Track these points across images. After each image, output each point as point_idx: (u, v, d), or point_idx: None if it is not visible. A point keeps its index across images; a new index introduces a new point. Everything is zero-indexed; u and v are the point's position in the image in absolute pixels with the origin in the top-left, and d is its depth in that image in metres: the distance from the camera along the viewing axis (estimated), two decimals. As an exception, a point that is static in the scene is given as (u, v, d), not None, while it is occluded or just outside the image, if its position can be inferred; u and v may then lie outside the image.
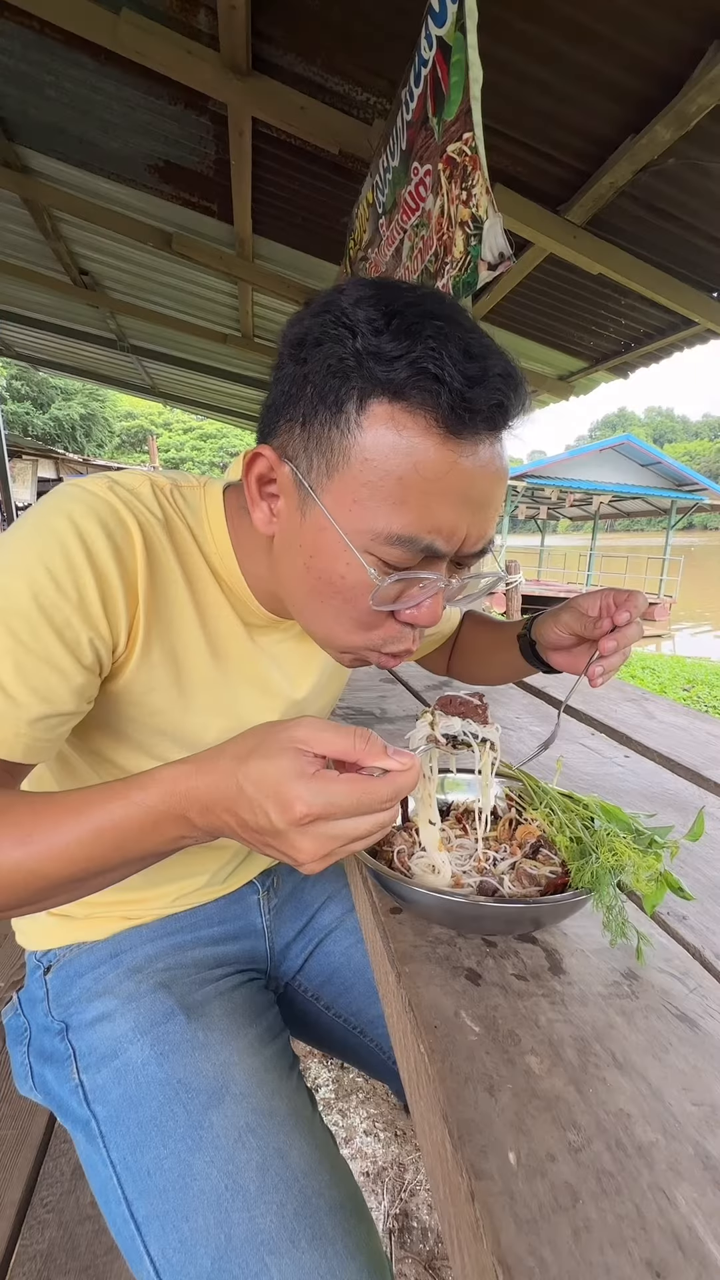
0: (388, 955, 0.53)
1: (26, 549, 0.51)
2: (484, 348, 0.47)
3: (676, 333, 3.05)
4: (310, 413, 0.49)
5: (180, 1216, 0.52)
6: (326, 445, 0.49)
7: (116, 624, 0.55)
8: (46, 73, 2.15)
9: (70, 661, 0.52)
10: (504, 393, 0.47)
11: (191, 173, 2.62)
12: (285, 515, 0.54)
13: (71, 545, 0.51)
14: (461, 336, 0.46)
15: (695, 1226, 0.32)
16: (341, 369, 0.47)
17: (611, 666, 0.65)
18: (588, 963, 0.52)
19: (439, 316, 0.46)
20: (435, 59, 1.35)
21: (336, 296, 0.49)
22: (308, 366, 0.49)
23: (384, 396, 0.46)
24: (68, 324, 5.42)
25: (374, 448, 0.47)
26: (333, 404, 0.48)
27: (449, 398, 0.45)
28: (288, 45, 1.83)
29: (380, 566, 0.50)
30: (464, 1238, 0.35)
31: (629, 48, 1.58)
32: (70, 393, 35.52)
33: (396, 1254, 1.08)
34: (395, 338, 0.46)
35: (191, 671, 0.63)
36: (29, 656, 0.49)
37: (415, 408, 0.46)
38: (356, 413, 0.47)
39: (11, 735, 0.50)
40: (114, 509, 0.55)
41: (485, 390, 0.46)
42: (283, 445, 0.53)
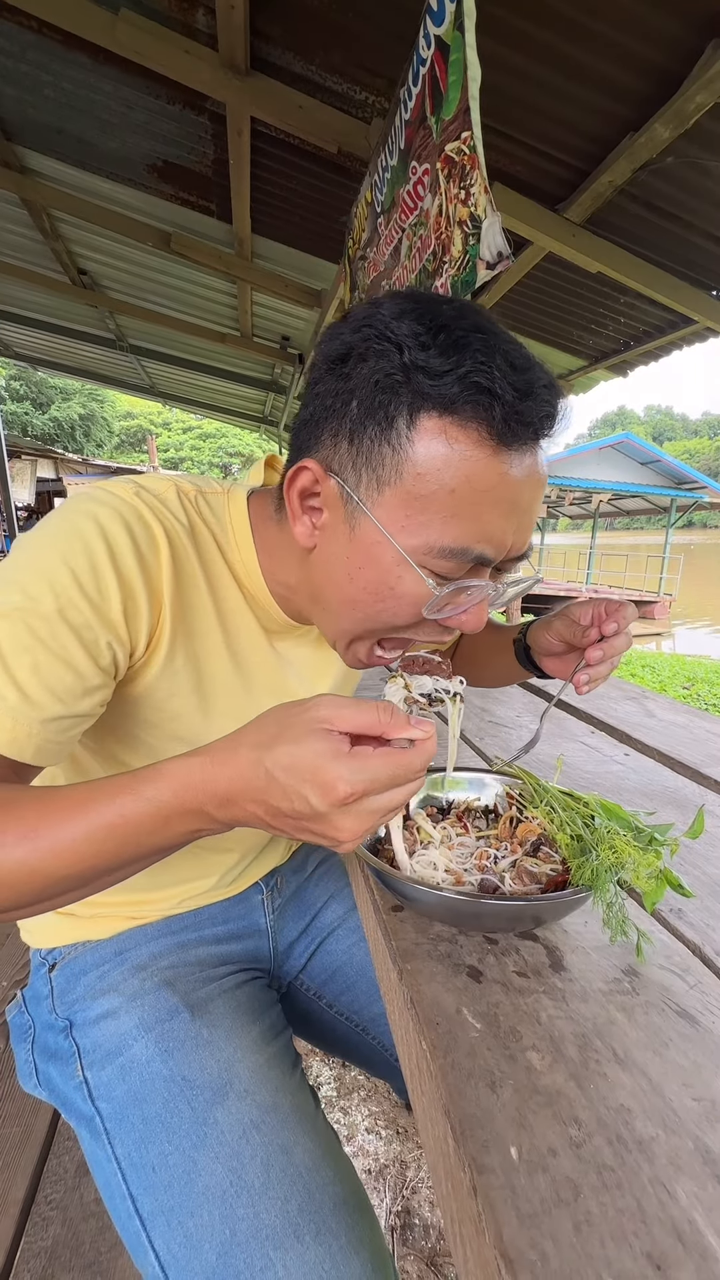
0: (389, 953, 0.54)
1: (51, 549, 0.51)
2: (526, 359, 0.48)
3: (675, 331, 3.05)
4: (357, 427, 0.50)
5: (185, 1212, 0.53)
6: (377, 459, 0.49)
7: (137, 629, 0.55)
8: (45, 72, 2.15)
9: (88, 663, 0.51)
10: (551, 404, 0.48)
11: (190, 172, 2.62)
12: (330, 528, 0.54)
13: (96, 548, 0.51)
14: (505, 349, 0.47)
15: (696, 1220, 0.32)
16: (389, 384, 0.47)
17: (598, 675, 0.66)
18: (588, 960, 0.53)
19: (481, 329, 0.47)
20: (433, 58, 1.35)
21: (375, 311, 0.49)
22: (352, 381, 0.49)
23: (434, 410, 0.47)
24: (67, 324, 5.42)
25: (426, 461, 0.47)
26: (382, 419, 0.48)
27: (501, 410, 0.46)
28: (286, 44, 1.83)
29: (433, 577, 0.51)
30: (466, 1232, 0.35)
31: (628, 46, 1.58)
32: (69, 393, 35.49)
33: (399, 1251, 1.09)
34: (443, 352, 0.46)
35: (213, 677, 0.63)
36: (47, 656, 0.49)
37: (467, 420, 0.46)
38: (407, 427, 0.47)
39: (24, 735, 0.49)
40: (140, 514, 0.55)
41: (535, 402, 0.47)
42: (327, 459, 0.53)
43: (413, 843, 0.62)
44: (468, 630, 0.56)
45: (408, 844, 0.62)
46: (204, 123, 2.26)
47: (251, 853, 0.81)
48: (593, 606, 0.68)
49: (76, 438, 35.95)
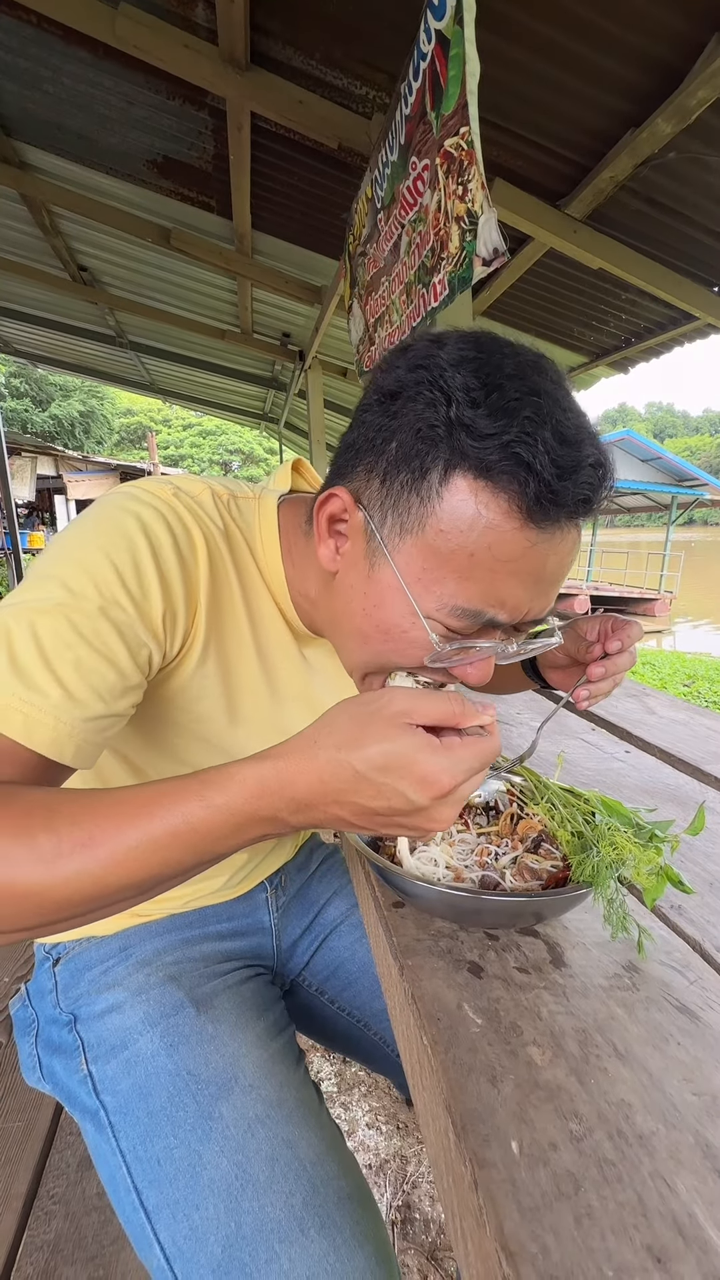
0: (390, 949, 0.54)
1: (94, 544, 0.51)
2: (578, 430, 0.46)
3: (677, 327, 3.05)
4: (392, 470, 0.49)
5: (191, 1205, 0.53)
6: (404, 507, 0.48)
7: (174, 630, 0.55)
8: (45, 68, 2.15)
9: (129, 661, 0.51)
10: (592, 486, 0.47)
11: (190, 168, 2.61)
12: (351, 558, 0.54)
13: (140, 545, 0.51)
14: (559, 417, 0.45)
15: (696, 1213, 0.32)
16: (431, 435, 0.46)
17: (598, 692, 0.65)
18: (589, 955, 0.53)
19: (538, 393, 0.45)
20: (434, 52, 1.34)
21: (436, 353, 0.48)
22: (396, 421, 0.48)
23: (469, 471, 0.45)
24: (66, 320, 5.41)
25: (450, 520, 0.46)
26: (416, 468, 0.47)
27: (536, 487, 0.44)
28: (286, 39, 1.82)
29: (441, 631, 0.50)
30: (468, 1226, 0.35)
31: (629, 40, 1.57)
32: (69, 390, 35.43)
33: (399, 1245, 1.09)
34: (491, 414, 0.44)
35: (241, 681, 0.63)
36: (90, 653, 0.48)
37: (499, 489, 0.45)
38: (439, 482, 0.46)
39: (66, 734, 0.47)
40: (180, 515, 0.55)
41: (574, 484, 0.45)
42: (358, 491, 0.52)
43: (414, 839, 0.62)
44: (470, 684, 0.55)
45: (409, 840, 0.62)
46: (204, 118, 2.26)
47: (261, 853, 0.82)
48: (600, 622, 0.68)
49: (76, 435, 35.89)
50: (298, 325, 4.35)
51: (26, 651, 0.46)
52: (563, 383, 0.48)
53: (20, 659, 0.45)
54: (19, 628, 0.46)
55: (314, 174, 2.43)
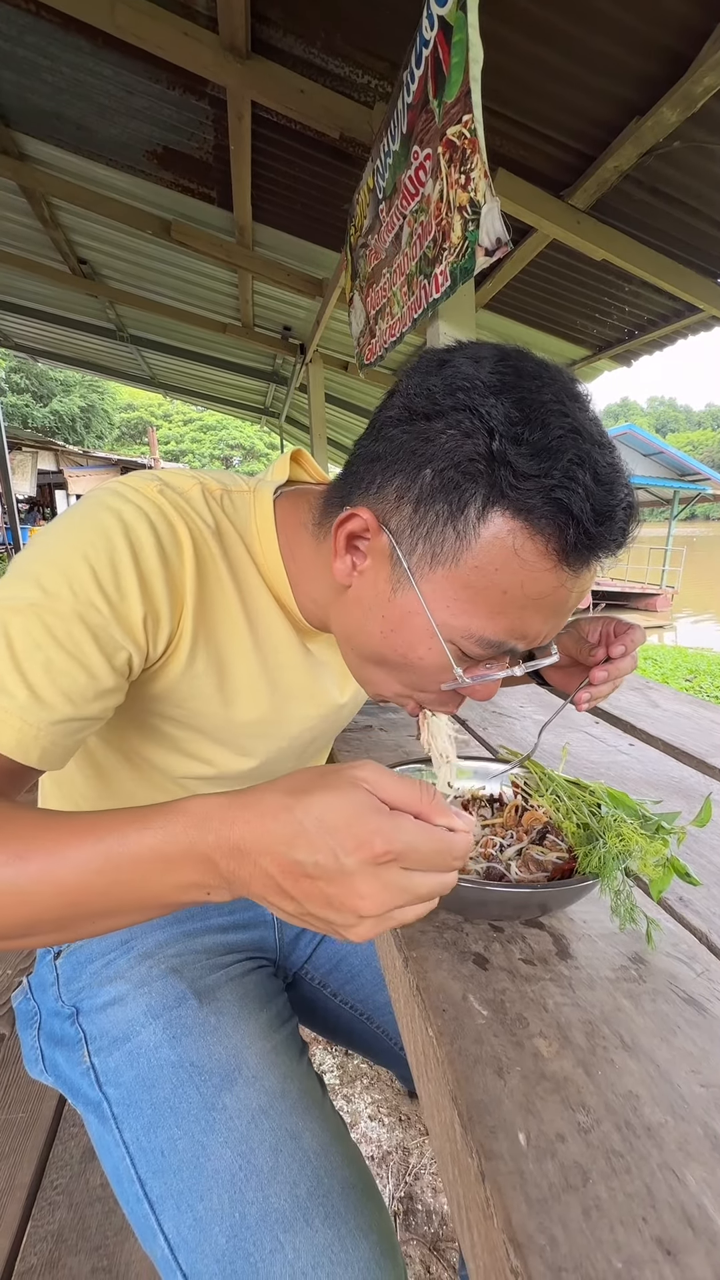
0: (395, 941, 0.54)
1: (73, 544, 0.50)
2: (611, 471, 0.46)
3: (681, 319, 3.03)
4: (426, 499, 0.48)
5: (195, 1195, 0.53)
6: (438, 538, 0.48)
7: (156, 632, 0.54)
8: (43, 57, 2.12)
9: (103, 665, 0.50)
10: (624, 530, 0.47)
11: (190, 158, 2.59)
12: (370, 578, 0.53)
13: (119, 546, 0.50)
14: (596, 457, 0.45)
15: (705, 1205, 0.32)
16: (471, 470, 0.45)
17: (599, 695, 0.65)
18: (595, 947, 0.52)
19: (578, 431, 0.45)
20: (436, 39, 1.33)
21: (473, 375, 0.46)
22: (432, 447, 0.47)
23: (509, 510, 0.45)
24: (66, 314, 5.38)
25: (486, 556, 0.46)
26: (455, 502, 0.46)
27: (575, 535, 0.45)
28: (287, 27, 1.80)
29: (460, 657, 0.51)
30: (474, 1217, 0.35)
31: (634, 27, 1.55)
32: (70, 385, 35.32)
33: (402, 1236, 1.09)
34: (535, 454, 0.44)
35: (238, 678, 0.63)
36: (61, 655, 0.47)
37: (538, 532, 0.45)
38: (477, 518, 0.46)
39: (31, 736, 0.47)
40: (164, 513, 0.54)
41: (610, 529, 0.46)
42: (384, 514, 0.51)
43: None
44: (478, 700, 0.57)
45: None
46: (204, 107, 2.23)
47: None
48: (602, 625, 0.68)
49: (77, 430, 35.82)
50: (299, 318, 4.33)
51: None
52: (592, 409, 0.48)
53: None
54: None
55: (315, 164, 2.41)
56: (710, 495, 17.54)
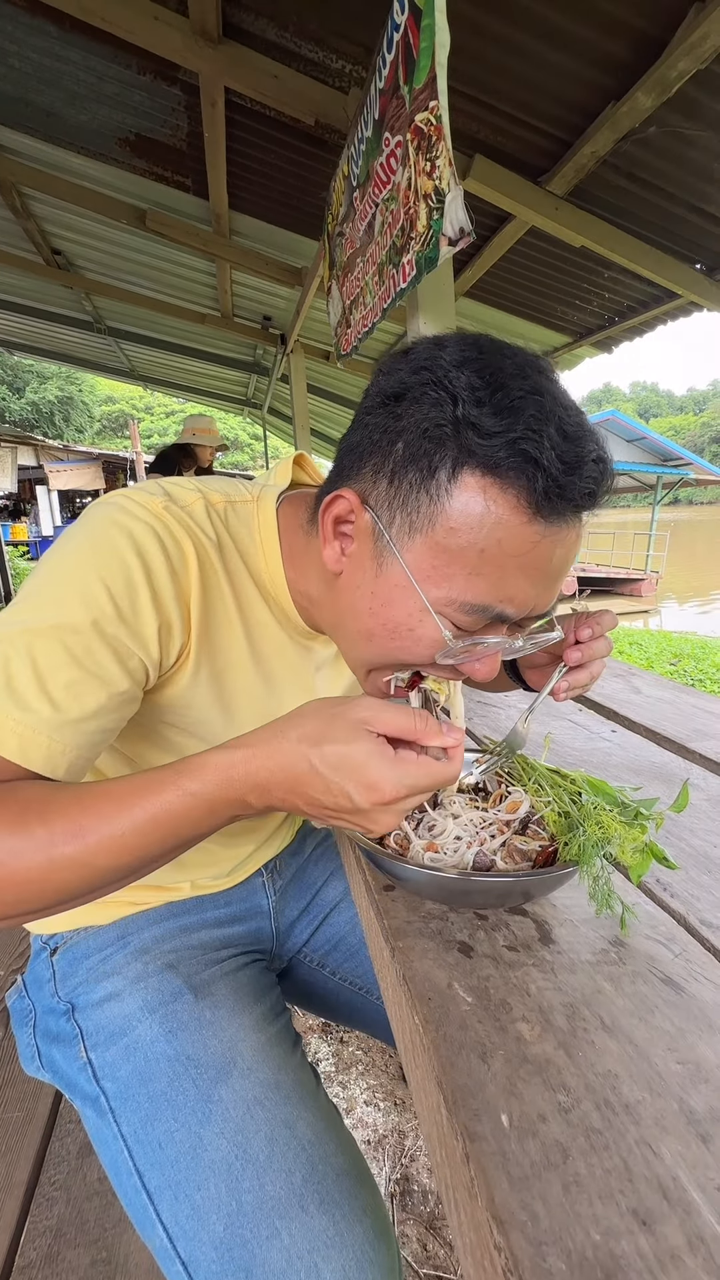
0: (382, 931, 0.55)
1: (87, 564, 0.52)
2: (579, 428, 0.47)
3: (660, 305, 3.04)
4: (400, 470, 0.49)
5: (192, 1186, 0.54)
6: (413, 506, 0.49)
7: (169, 643, 0.56)
8: (9, 41, 2.07)
9: (122, 679, 0.52)
10: (596, 480, 0.48)
11: (164, 146, 2.54)
12: (357, 558, 0.54)
13: (132, 564, 0.52)
14: (561, 415, 0.46)
15: (679, 1177, 0.33)
16: (438, 435, 0.47)
17: (577, 683, 0.65)
18: (576, 932, 0.54)
19: (540, 391, 0.46)
20: (407, 24, 1.31)
21: (437, 354, 0.49)
22: (402, 422, 0.49)
23: (478, 469, 0.46)
24: (41, 305, 5.28)
25: (460, 517, 0.47)
26: (425, 467, 0.48)
27: (544, 482, 0.45)
28: (259, 10, 1.77)
29: (450, 627, 0.51)
30: (460, 1197, 0.36)
31: (608, 10, 1.54)
32: (45, 376, 34.76)
33: (399, 1216, 1.12)
34: (497, 412, 0.45)
35: (237, 688, 0.64)
36: (82, 673, 0.49)
37: (508, 485, 0.46)
38: (448, 480, 0.47)
39: (59, 752, 0.49)
40: (170, 530, 0.55)
41: (579, 478, 0.46)
42: (365, 492, 0.53)
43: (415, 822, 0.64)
44: (478, 679, 0.57)
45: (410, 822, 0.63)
46: (176, 94, 2.19)
47: (256, 843, 0.83)
48: (575, 619, 0.69)
49: (56, 423, 35.31)
50: (279, 308, 4.29)
51: (21, 674, 0.47)
52: (559, 381, 0.50)
53: (15, 681, 0.47)
54: (14, 651, 0.48)
55: (291, 152, 2.38)
56: (693, 480, 17.66)
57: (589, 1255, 0.30)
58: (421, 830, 0.63)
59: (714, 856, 0.67)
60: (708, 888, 0.61)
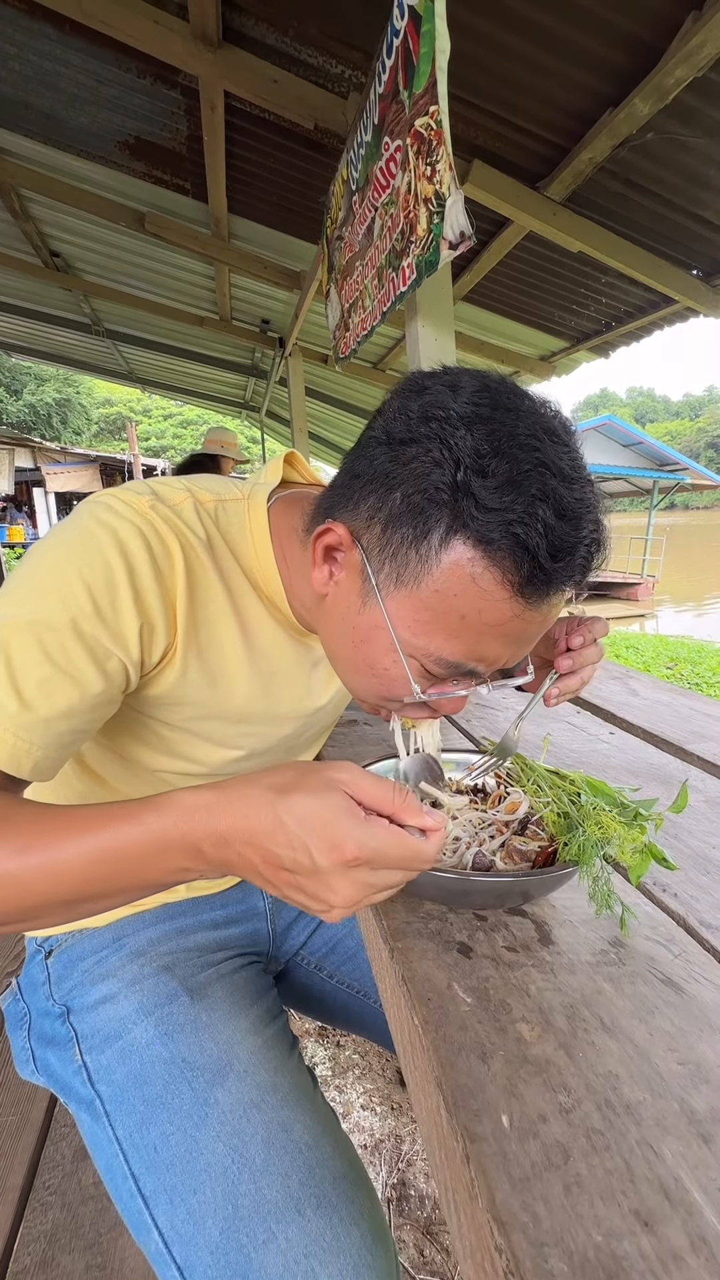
0: (380, 932, 0.54)
1: (68, 563, 0.51)
2: (579, 506, 0.46)
3: (657, 311, 3.05)
4: (394, 522, 0.49)
5: (188, 1189, 0.53)
6: (401, 560, 0.49)
7: (151, 644, 0.55)
8: (9, 44, 2.08)
9: (98, 680, 0.52)
10: (586, 564, 0.48)
11: (163, 149, 2.55)
12: (344, 588, 0.55)
13: (114, 564, 0.52)
14: (562, 494, 0.45)
15: (681, 1177, 0.33)
16: (436, 497, 0.46)
17: (568, 689, 0.66)
18: (576, 933, 0.54)
19: (546, 465, 0.45)
20: (407, 29, 1.32)
21: (449, 403, 0.47)
22: (404, 470, 0.48)
23: (469, 539, 0.46)
24: (39, 308, 5.28)
25: (445, 582, 0.47)
26: (419, 527, 0.47)
27: (530, 568, 0.45)
28: (260, 15, 1.78)
29: (422, 673, 0.52)
30: (460, 1199, 0.36)
31: (606, 17, 1.55)
32: (43, 377, 34.77)
33: (395, 1221, 1.11)
34: (498, 487, 0.44)
35: (233, 683, 0.64)
36: (56, 672, 0.49)
37: (495, 563, 0.46)
38: (439, 544, 0.47)
39: (24, 750, 0.49)
40: (156, 529, 0.55)
41: (568, 566, 0.46)
42: (358, 531, 0.52)
43: None
44: (446, 713, 0.59)
45: None
46: (176, 97, 2.20)
47: None
48: (566, 624, 0.69)
49: (54, 425, 35.29)
50: (277, 311, 4.29)
51: None
52: (574, 445, 0.48)
53: None
54: None
55: (291, 156, 2.38)
56: (689, 485, 17.74)
57: (591, 1256, 0.30)
58: None
59: (713, 858, 0.67)
60: (707, 889, 0.61)
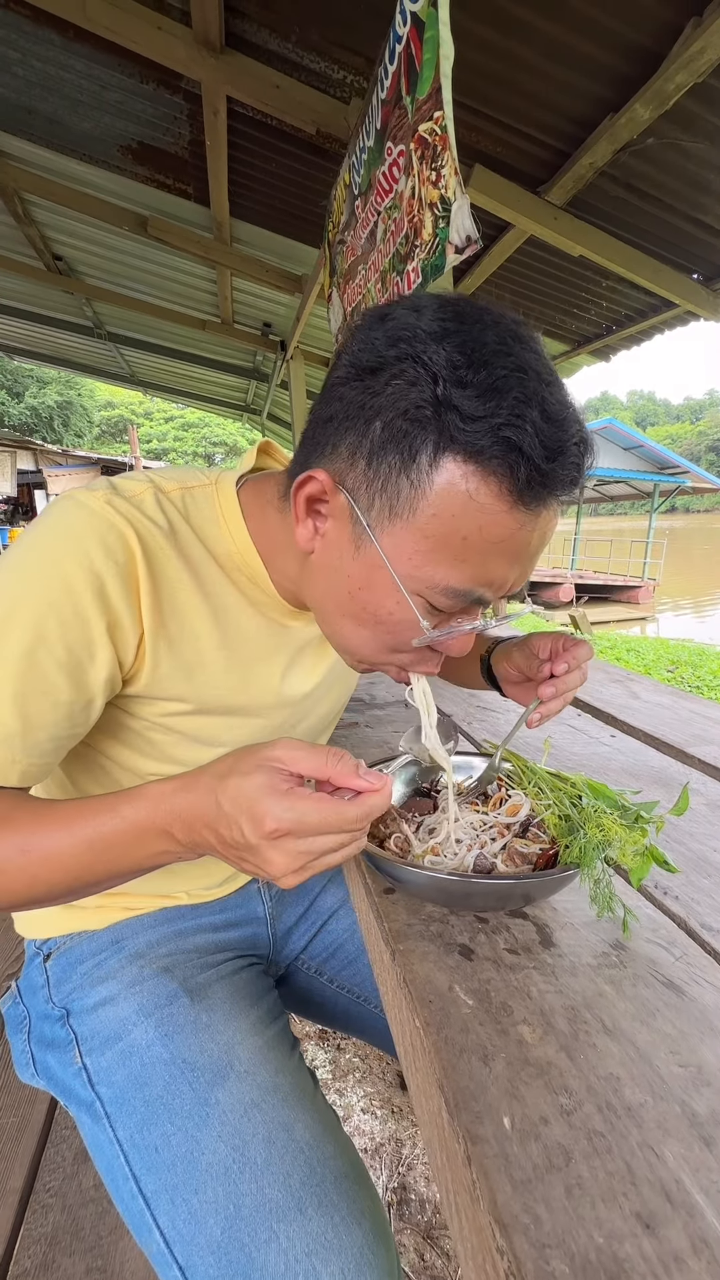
0: (382, 934, 0.54)
1: (27, 576, 0.52)
2: (561, 407, 0.45)
3: (657, 315, 3.06)
4: (378, 452, 0.47)
5: (189, 1189, 0.53)
6: (393, 490, 0.47)
7: (122, 641, 0.56)
8: (13, 50, 2.09)
9: (68, 689, 0.53)
10: (579, 465, 0.47)
11: (166, 154, 2.56)
12: (332, 540, 0.53)
13: (70, 570, 0.51)
14: (544, 395, 0.44)
15: (683, 1180, 0.33)
16: (419, 416, 0.45)
17: (549, 712, 0.66)
18: (577, 935, 0.54)
19: (524, 369, 0.44)
20: (409, 35, 1.33)
21: (414, 324, 0.46)
22: (379, 400, 0.47)
23: (460, 454, 0.45)
24: (42, 311, 5.30)
25: (442, 504, 0.46)
26: (405, 451, 0.46)
27: (527, 471, 0.44)
28: (262, 21, 1.79)
29: (428, 610, 0.51)
30: (461, 1201, 0.36)
31: (607, 24, 1.57)
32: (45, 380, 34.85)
33: (396, 1226, 1.11)
34: (480, 394, 0.43)
35: (208, 674, 0.63)
36: (26, 687, 0.51)
37: (491, 473, 0.45)
38: (429, 465, 0.45)
39: (9, 761, 0.52)
40: (112, 523, 0.54)
41: (563, 465, 0.45)
42: (340, 473, 0.51)
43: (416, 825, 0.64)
44: (453, 654, 0.57)
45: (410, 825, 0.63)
46: (179, 102, 2.22)
47: None
48: (551, 641, 0.68)
49: (55, 428, 35.36)
50: (279, 315, 4.31)
51: None
52: (542, 351, 0.48)
53: None
54: None
55: (292, 160, 2.40)
56: (689, 488, 17.76)
57: (592, 1258, 0.30)
58: (421, 833, 0.63)
59: (714, 860, 0.67)
60: (708, 891, 0.61)
